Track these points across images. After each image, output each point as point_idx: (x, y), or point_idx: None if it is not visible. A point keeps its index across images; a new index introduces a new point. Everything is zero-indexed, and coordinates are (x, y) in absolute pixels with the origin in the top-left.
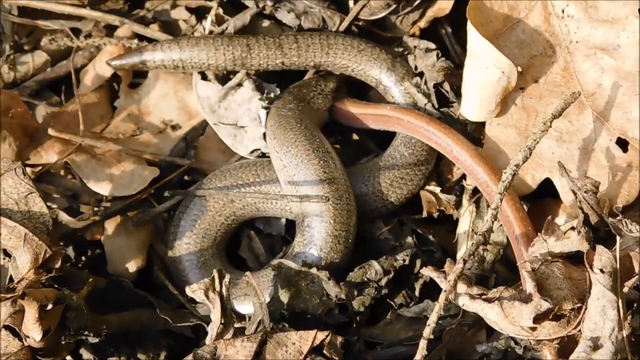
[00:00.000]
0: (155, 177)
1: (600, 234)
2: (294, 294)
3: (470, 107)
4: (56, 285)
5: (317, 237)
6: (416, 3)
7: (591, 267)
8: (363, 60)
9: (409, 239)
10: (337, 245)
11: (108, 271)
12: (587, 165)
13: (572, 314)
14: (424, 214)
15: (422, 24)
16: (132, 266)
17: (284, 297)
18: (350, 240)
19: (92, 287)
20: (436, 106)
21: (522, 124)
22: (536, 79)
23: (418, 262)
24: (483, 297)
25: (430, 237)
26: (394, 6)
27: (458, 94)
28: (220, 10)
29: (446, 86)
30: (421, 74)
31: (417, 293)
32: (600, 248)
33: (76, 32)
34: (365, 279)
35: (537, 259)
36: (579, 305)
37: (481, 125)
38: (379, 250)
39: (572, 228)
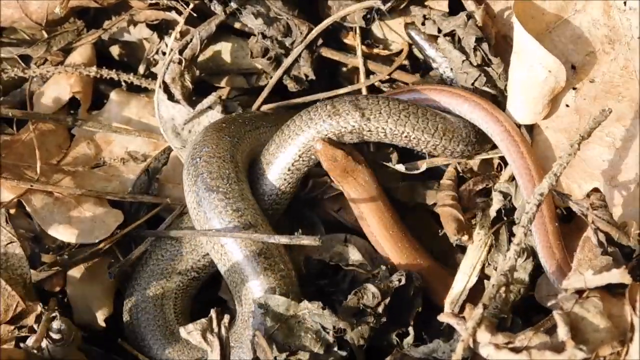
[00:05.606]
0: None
1: (625, 251)
2: (287, 332)
3: (516, 108)
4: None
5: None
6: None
7: (633, 307)
8: None
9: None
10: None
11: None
12: None
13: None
14: (454, 239)
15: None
16: (100, 316)
17: (278, 336)
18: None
19: None
20: (475, 63)
21: (573, 127)
22: (592, 78)
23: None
24: (510, 346)
25: None
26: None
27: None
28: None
29: (485, 46)
30: (452, 34)
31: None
32: None
33: (26, 60)
34: (362, 306)
35: (570, 297)
36: (619, 348)
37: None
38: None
39: (603, 252)
